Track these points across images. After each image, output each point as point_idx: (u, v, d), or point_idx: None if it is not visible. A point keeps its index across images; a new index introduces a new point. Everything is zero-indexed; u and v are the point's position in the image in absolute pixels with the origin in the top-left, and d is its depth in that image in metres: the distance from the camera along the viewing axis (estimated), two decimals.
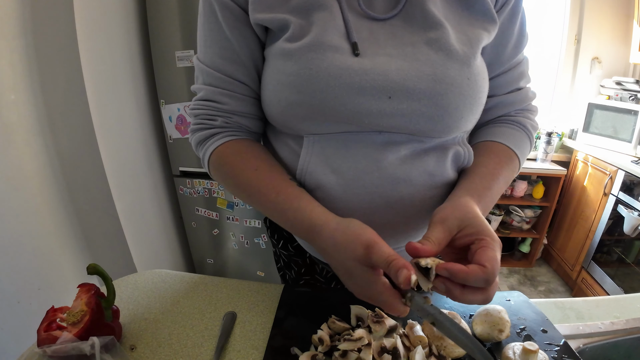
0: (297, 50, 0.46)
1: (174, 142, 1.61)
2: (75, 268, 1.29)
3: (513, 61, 0.56)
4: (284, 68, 0.47)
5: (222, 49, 0.51)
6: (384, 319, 0.50)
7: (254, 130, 0.58)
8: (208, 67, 0.52)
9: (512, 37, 0.54)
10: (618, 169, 1.81)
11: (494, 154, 0.55)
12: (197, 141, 0.56)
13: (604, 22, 2.20)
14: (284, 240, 0.69)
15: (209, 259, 1.86)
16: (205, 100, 0.54)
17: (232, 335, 0.53)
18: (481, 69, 0.50)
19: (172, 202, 1.79)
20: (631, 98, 2.04)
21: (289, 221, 0.48)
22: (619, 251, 1.92)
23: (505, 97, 0.58)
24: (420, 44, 0.47)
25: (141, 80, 1.51)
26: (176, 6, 1.39)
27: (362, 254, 0.39)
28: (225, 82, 0.52)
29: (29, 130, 1.11)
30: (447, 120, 0.47)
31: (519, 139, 0.57)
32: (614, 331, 0.55)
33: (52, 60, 1.13)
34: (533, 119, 0.61)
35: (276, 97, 0.49)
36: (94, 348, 0.43)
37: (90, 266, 0.49)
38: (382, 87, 0.45)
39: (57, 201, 1.22)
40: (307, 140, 0.51)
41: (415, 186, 0.51)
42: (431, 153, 0.51)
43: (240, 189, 0.53)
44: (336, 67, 0.45)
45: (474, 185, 0.49)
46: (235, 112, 0.54)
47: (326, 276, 0.69)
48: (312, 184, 0.52)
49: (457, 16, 0.49)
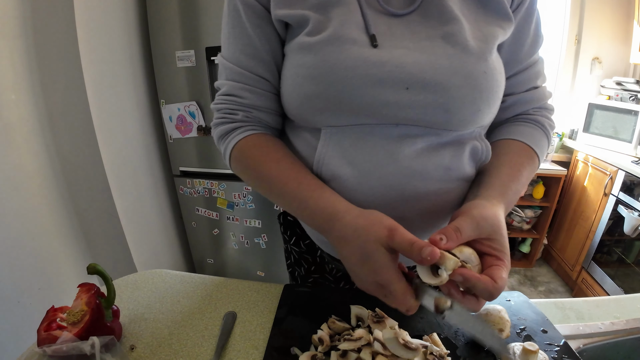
0: (316, 44, 0.47)
1: (174, 142, 1.61)
2: (75, 268, 1.29)
3: (530, 60, 0.57)
4: (303, 61, 0.49)
5: (244, 46, 0.53)
6: (385, 319, 0.49)
7: (273, 126, 0.59)
8: (231, 63, 0.54)
9: (528, 37, 0.55)
10: (618, 169, 1.81)
11: (516, 153, 0.55)
12: (219, 135, 0.58)
13: (604, 23, 2.20)
14: (296, 237, 0.70)
15: (209, 259, 1.86)
16: (227, 95, 0.56)
17: (232, 335, 0.53)
18: (497, 64, 0.51)
19: (172, 202, 1.79)
20: (631, 98, 2.04)
21: (308, 209, 0.48)
22: (619, 251, 1.92)
23: (523, 95, 0.59)
24: (436, 38, 0.48)
25: (141, 80, 1.52)
26: (176, 6, 1.39)
27: (385, 236, 0.40)
28: (246, 77, 0.54)
29: (30, 130, 1.11)
30: (463, 112, 0.48)
31: (538, 137, 0.58)
32: (614, 331, 0.55)
33: (53, 60, 1.14)
34: (550, 117, 0.61)
35: (295, 90, 0.51)
36: (94, 348, 0.44)
37: (90, 266, 0.49)
38: (399, 79, 0.46)
39: (57, 201, 1.22)
40: (324, 132, 0.51)
41: (430, 180, 0.51)
42: (448, 147, 0.51)
43: (261, 180, 0.54)
44: (353, 59, 0.45)
45: (504, 188, 0.49)
46: (255, 106, 0.55)
47: (335, 275, 0.69)
48: (328, 175, 0.52)
49: (473, 13, 0.50)
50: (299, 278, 0.74)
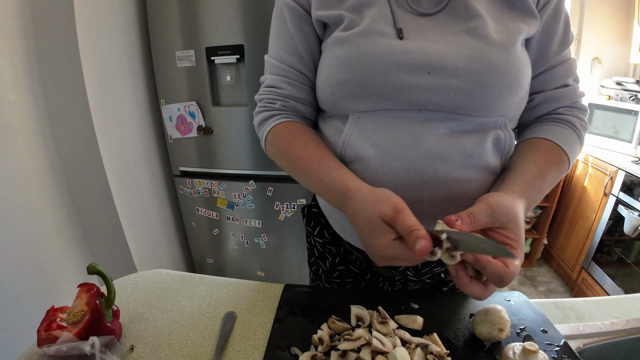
0: (349, 37, 0.52)
1: (174, 142, 1.61)
2: (75, 268, 1.29)
3: (559, 57, 0.57)
4: (337, 53, 0.54)
5: (286, 44, 0.59)
6: (388, 320, 0.50)
7: (307, 116, 0.64)
8: (274, 59, 0.61)
9: (556, 35, 0.55)
10: (618, 169, 1.81)
11: (544, 152, 0.54)
12: (258, 122, 0.63)
13: (604, 22, 2.20)
14: (320, 227, 0.72)
15: (209, 259, 1.86)
16: (268, 87, 0.62)
17: (232, 335, 0.53)
18: (521, 55, 0.52)
19: (172, 202, 1.79)
20: (631, 98, 2.04)
21: (325, 187, 0.51)
22: (619, 251, 1.92)
23: (553, 93, 0.58)
24: (460, 32, 0.51)
25: (141, 80, 1.51)
26: (176, 6, 1.39)
27: (389, 214, 0.41)
28: (286, 71, 0.60)
29: (30, 130, 1.11)
30: (484, 97, 0.49)
31: (569, 137, 0.56)
32: (614, 331, 0.55)
33: (53, 60, 1.14)
34: (583, 118, 0.60)
35: (328, 79, 0.55)
36: (94, 348, 0.44)
37: (90, 266, 0.49)
38: (421, 64, 0.49)
39: (57, 201, 1.22)
40: (351, 117, 0.55)
41: (451, 165, 0.51)
42: (470, 134, 0.52)
43: (288, 161, 0.58)
44: (381, 48, 0.50)
45: (527, 185, 0.49)
46: (292, 96, 0.61)
47: (360, 267, 0.70)
48: (352, 156, 0.55)
49: (498, 12, 0.52)
50: (323, 275, 0.74)
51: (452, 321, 0.55)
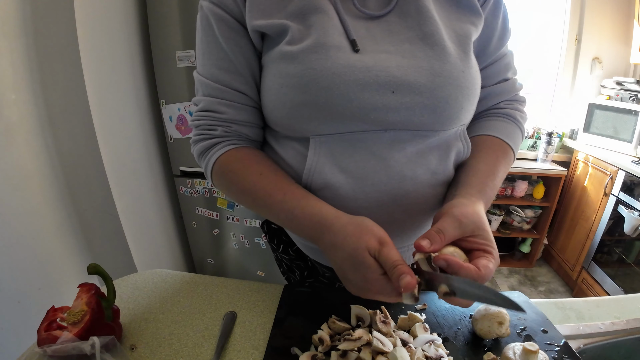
0: (300, 52, 0.46)
1: (174, 142, 1.61)
2: (75, 268, 1.29)
3: (498, 53, 0.58)
4: (287, 71, 0.48)
5: (219, 60, 0.52)
6: (389, 320, 0.50)
7: (254, 139, 0.58)
8: (206, 78, 0.53)
9: (496, 30, 0.56)
10: (618, 169, 1.81)
11: (491, 149, 0.57)
12: (199, 152, 0.57)
13: (604, 22, 2.20)
14: (283, 245, 0.69)
15: (209, 259, 1.86)
16: (204, 111, 0.55)
17: (232, 335, 0.53)
18: (474, 62, 0.52)
19: (173, 202, 1.79)
20: (632, 98, 2.04)
21: (296, 219, 0.48)
22: (619, 251, 1.92)
23: (494, 88, 0.60)
24: (415, 39, 0.49)
25: (141, 80, 1.51)
26: (176, 6, 1.39)
27: (375, 247, 0.40)
28: (223, 91, 0.53)
29: (30, 130, 1.11)
30: (448, 111, 0.49)
31: (512, 131, 0.59)
32: (614, 331, 0.55)
33: (53, 60, 1.13)
34: (522, 109, 0.63)
35: (280, 100, 0.50)
36: (94, 348, 0.43)
37: (90, 266, 0.49)
38: (385, 82, 0.46)
39: (57, 201, 1.22)
40: (313, 141, 0.51)
41: (419, 183, 0.52)
42: (434, 151, 0.52)
43: (245, 194, 0.53)
44: (339, 66, 0.46)
45: (482, 185, 0.50)
46: (234, 120, 0.54)
47: (330, 278, 0.69)
48: (320, 184, 0.52)
49: (446, 12, 0.51)
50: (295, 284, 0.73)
51: (452, 321, 0.55)
